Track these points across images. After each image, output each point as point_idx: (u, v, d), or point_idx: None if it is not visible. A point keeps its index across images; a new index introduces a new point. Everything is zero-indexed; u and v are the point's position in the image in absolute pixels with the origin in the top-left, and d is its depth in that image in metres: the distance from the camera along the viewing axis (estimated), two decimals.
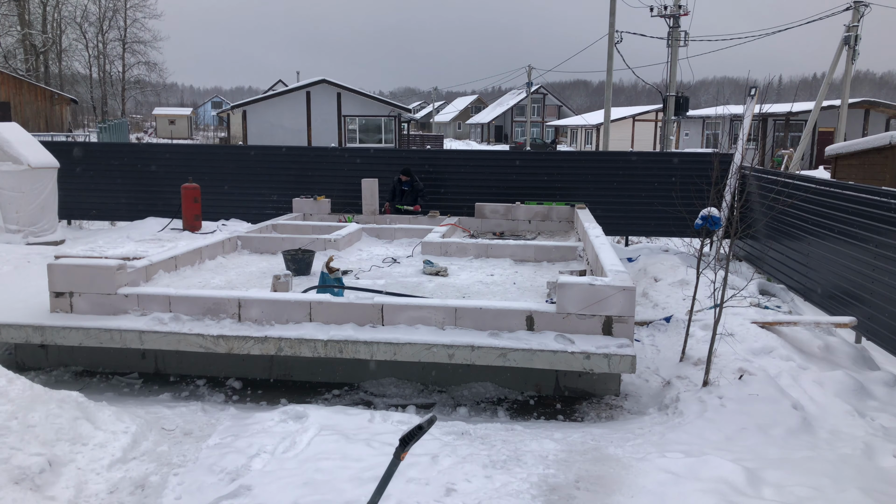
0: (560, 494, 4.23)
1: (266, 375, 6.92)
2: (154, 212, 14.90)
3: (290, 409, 5.27)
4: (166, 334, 6.35)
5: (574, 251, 9.74)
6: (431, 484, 4.22)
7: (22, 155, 12.39)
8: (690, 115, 41.39)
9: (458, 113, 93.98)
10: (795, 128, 36.72)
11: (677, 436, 5.16)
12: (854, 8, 24.66)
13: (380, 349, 6.09)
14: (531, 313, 6.28)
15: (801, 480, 4.32)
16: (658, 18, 23.52)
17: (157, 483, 4.39)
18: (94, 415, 4.81)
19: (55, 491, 4.09)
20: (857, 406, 5.63)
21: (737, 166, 12.29)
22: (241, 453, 4.62)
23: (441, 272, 8.66)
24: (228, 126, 48.54)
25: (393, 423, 5.12)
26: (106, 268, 6.77)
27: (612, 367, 5.87)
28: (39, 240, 12.56)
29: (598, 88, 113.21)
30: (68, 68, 54.54)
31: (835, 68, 24.77)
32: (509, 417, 6.07)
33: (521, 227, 12.76)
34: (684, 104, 23.69)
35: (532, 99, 63.90)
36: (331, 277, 7.23)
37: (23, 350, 7.11)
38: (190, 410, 5.73)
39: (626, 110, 59.68)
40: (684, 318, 7.52)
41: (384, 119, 34.18)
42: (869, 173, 15.45)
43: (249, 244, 10.13)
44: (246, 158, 15.01)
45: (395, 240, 11.35)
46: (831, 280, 8.62)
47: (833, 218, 8.59)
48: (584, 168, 14.25)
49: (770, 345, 6.80)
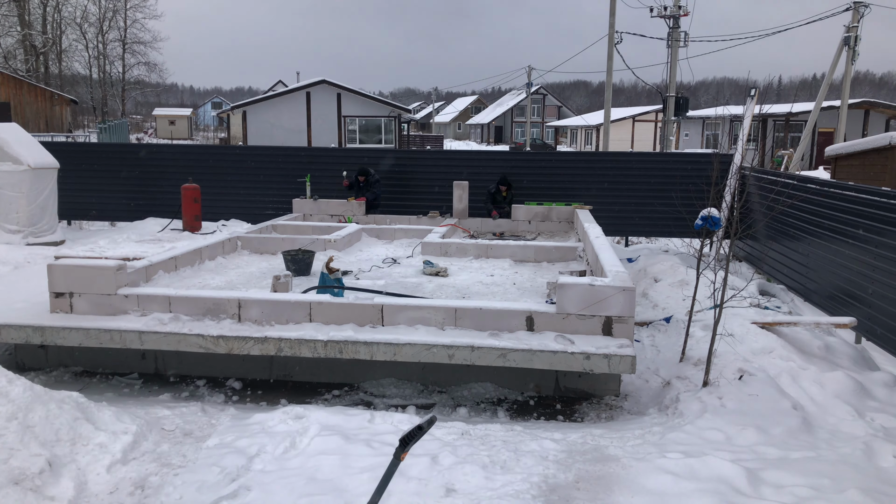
0: (560, 494, 4.23)
1: (266, 376, 6.92)
2: (154, 212, 14.90)
3: (290, 410, 5.26)
4: (166, 335, 6.35)
5: (574, 251, 9.74)
6: (431, 484, 4.22)
7: (22, 155, 12.39)
8: (690, 115, 41.42)
9: (458, 113, 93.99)
10: (795, 128, 36.72)
11: (677, 436, 5.16)
12: (854, 8, 24.68)
13: (380, 349, 6.09)
14: (531, 314, 6.27)
15: (801, 480, 4.32)
16: (658, 19, 23.55)
17: (157, 483, 4.39)
18: (94, 415, 4.81)
19: (55, 491, 4.09)
20: (856, 406, 5.63)
21: (737, 167, 12.30)
22: (241, 454, 4.62)
23: (441, 272, 8.66)
24: (228, 126, 48.55)
25: (393, 423, 5.12)
26: (106, 268, 6.77)
27: (612, 368, 5.86)
28: (39, 240, 12.56)
29: (598, 89, 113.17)
30: (68, 69, 54.57)
31: (835, 69, 24.78)
32: (509, 418, 6.06)
33: (521, 227, 12.76)
34: (684, 105, 23.71)
35: (532, 99, 63.89)
36: (331, 278, 7.23)
37: (23, 350, 7.11)
38: (190, 411, 5.72)
39: (626, 111, 59.68)
40: (684, 318, 7.52)
41: (384, 119, 34.19)
42: (869, 174, 15.44)
43: (249, 245, 10.13)
44: (246, 159, 15.01)
45: (395, 240, 11.36)
46: (831, 280, 8.62)
47: (833, 218, 8.59)
48: (584, 168, 14.26)
49: (770, 345, 6.80)
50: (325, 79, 33.97)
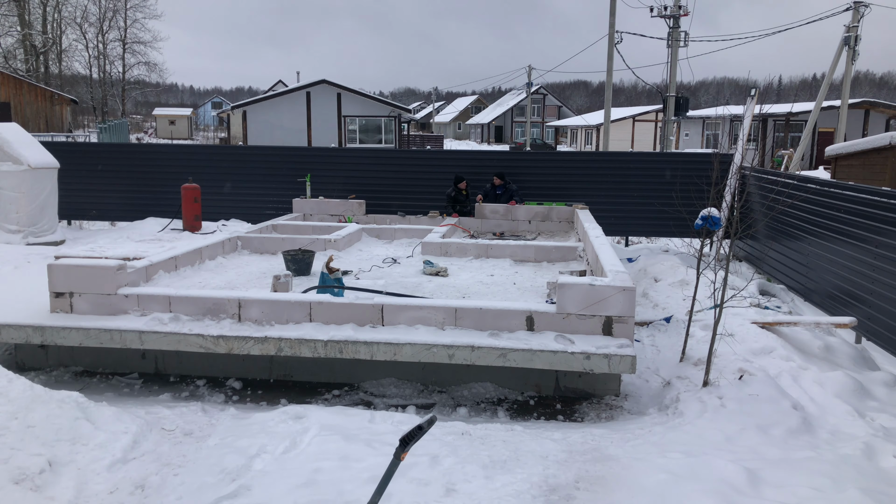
0: (560, 494, 4.23)
1: (266, 376, 6.92)
2: (154, 212, 14.90)
3: (291, 410, 5.27)
4: (166, 334, 6.35)
5: (574, 251, 9.74)
6: (432, 484, 4.22)
7: (22, 155, 12.39)
8: (690, 115, 41.43)
9: (458, 113, 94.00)
10: (795, 128, 36.73)
11: (677, 436, 5.16)
12: (854, 8, 24.68)
13: (380, 349, 6.09)
14: (531, 313, 6.27)
15: (802, 481, 4.32)
16: (658, 19, 23.55)
17: (157, 483, 4.39)
18: (94, 415, 4.81)
19: (55, 491, 4.09)
20: (857, 406, 5.63)
21: (737, 167, 12.29)
22: (242, 453, 4.62)
23: (441, 272, 8.65)
24: (228, 126, 48.53)
25: (393, 423, 5.12)
26: (106, 268, 6.77)
27: (612, 368, 5.86)
28: (39, 240, 12.56)
29: (598, 89, 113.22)
30: (68, 69, 54.57)
31: (835, 69, 24.78)
32: (509, 418, 6.06)
33: (521, 227, 12.76)
34: (684, 104, 23.71)
35: (532, 99, 63.89)
36: (331, 278, 7.23)
37: (23, 350, 7.11)
38: (190, 410, 5.72)
39: (626, 111, 59.71)
40: (684, 318, 7.52)
41: (384, 119, 34.18)
42: (869, 173, 15.46)
43: (249, 244, 10.13)
44: (246, 159, 15.02)
45: (395, 240, 11.35)
46: (831, 280, 8.62)
47: (833, 218, 8.59)
48: (585, 168, 14.25)
49: (770, 345, 6.80)
50: (325, 79, 33.97)
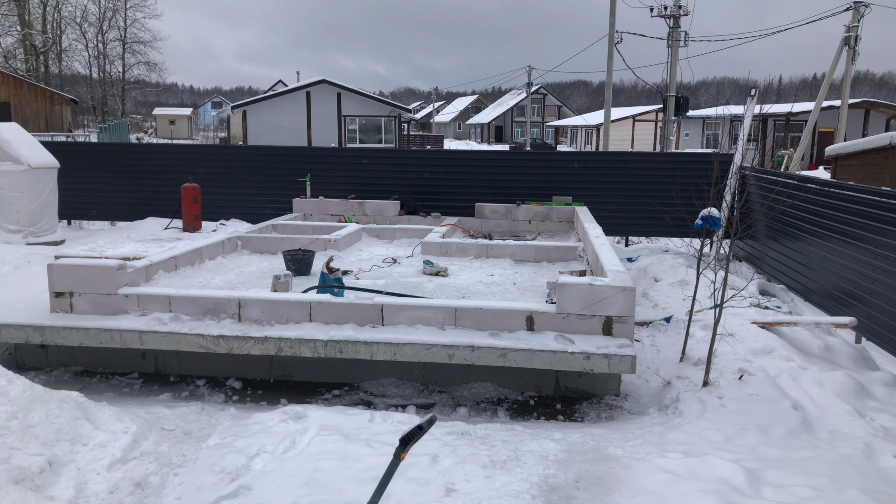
0: (560, 494, 4.23)
1: (266, 375, 6.92)
2: (154, 212, 14.90)
3: (290, 410, 5.27)
4: (166, 334, 6.35)
5: (574, 251, 9.74)
6: (431, 484, 4.22)
7: (22, 155, 12.39)
8: (690, 115, 41.44)
9: (458, 113, 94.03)
10: (795, 128, 36.74)
11: (677, 436, 5.16)
12: (854, 8, 24.68)
13: (380, 349, 6.09)
14: (531, 313, 6.28)
15: (801, 481, 4.32)
16: (658, 19, 23.55)
17: (157, 483, 4.39)
18: (94, 415, 4.81)
19: (55, 491, 4.09)
20: (857, 406, 5.62)
21: (737, 166, 12.29)
22: (241, 453, 4.62)
23: (441, 272, 8.65)
24: (228, 126, 48.54)
25: (393, 423, 5.12)
26: (106, 268, 6.77)
27: (612, 368, 5.86)
28: (39, 240, 12.56)
29: (598, 88, 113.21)
30: (68, 68, 54.58)
31: (835, 68, 24.78)
32: (509, 417, 6.06)
33: (521, 227, 12.76)
34: (684, 104, 23.71)
35: (532, 99, 63.89)
36: (331, 277, 7.23)
37: (23, 350, 7.11)
38: (190, 410, 5.72)
39: (626, 110, 59.74)
40: (684, 318, 7.52)
41: (384, 119, 34.19)
42: (869, 173, 15.46)
43: (249, 244, 10.13)
44: (246, 158, 15.01)
45: (395, 240, 11.35)
46: (831, 280, 8.62)
47: (833, 218, 8.59)
48: (585, 168, 14.25)
49: (770, 345, 6.80)
50: (325, 78, 33.98)
